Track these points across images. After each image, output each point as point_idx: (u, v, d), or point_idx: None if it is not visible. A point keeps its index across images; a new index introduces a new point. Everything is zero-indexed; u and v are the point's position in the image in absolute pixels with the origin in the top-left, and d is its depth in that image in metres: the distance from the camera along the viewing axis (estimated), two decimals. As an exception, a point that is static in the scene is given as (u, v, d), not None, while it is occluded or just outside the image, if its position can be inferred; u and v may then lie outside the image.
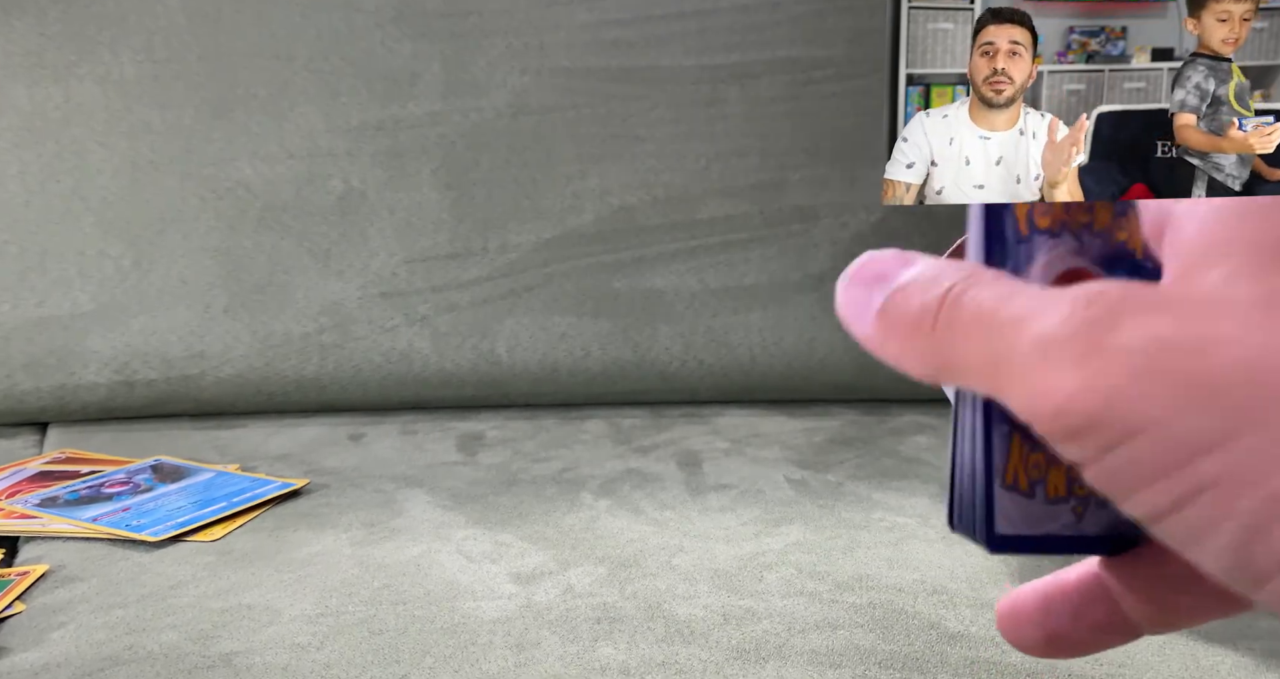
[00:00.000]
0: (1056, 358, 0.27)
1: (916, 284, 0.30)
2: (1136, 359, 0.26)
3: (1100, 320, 0.27)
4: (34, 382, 0.97)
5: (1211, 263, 0.27)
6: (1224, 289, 0.27)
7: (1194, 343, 0.26)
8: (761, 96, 1.02)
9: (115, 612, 0.64)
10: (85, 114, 0.98)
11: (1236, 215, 0.28)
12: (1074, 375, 0.27)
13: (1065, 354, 0.27)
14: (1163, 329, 0.26)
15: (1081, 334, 0.27)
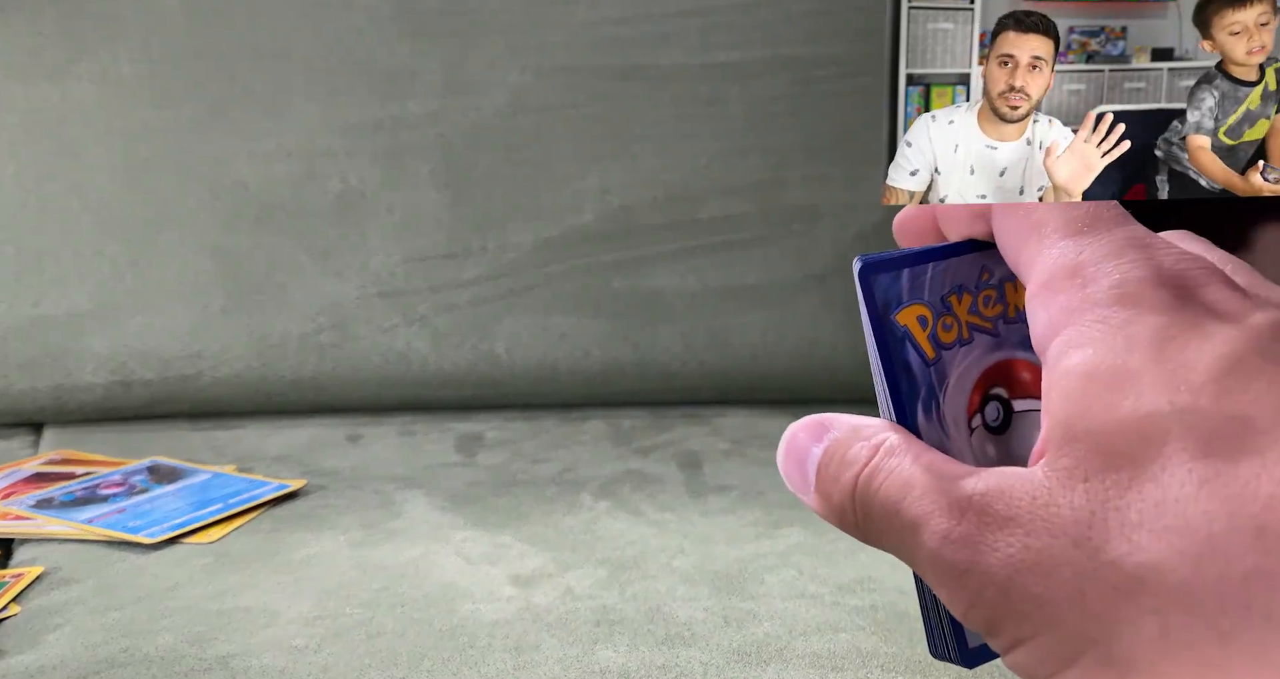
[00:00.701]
0: (945, 576, 0.31)
1: (829, 470, 0.35)
2: (1001, 582, 0.30)
3: (969, 538, 0.31)
4: (30, 382, 0.97)
5: (1065, 448, 0.30)
6: (1064, 495, 0.30)
7: (1040, 566, 0.29)
8: (762, 95, 1.02)
9: (111, 614, 0.64)
10: (82, 113, 0.98)
11: (1087, 389, 0.30)
12: (960, 596, 0.31)
13: (950, 574, 0.31)
14: (1017, 549, 0.30)
15: (959, 555, 0.31)
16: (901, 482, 0.32)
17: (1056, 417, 0.30)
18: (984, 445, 0.37)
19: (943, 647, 0.36)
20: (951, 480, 0.32)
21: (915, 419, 0.35)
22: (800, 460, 0.35)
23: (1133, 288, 0.30)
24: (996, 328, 0.37)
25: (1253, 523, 0.27)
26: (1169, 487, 0.28)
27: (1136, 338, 0.30)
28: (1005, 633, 0.30)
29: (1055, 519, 0.29)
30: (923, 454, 0.33)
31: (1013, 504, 0.30)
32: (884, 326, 0.35)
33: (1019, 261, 0.33)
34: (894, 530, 0.32)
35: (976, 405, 0.37)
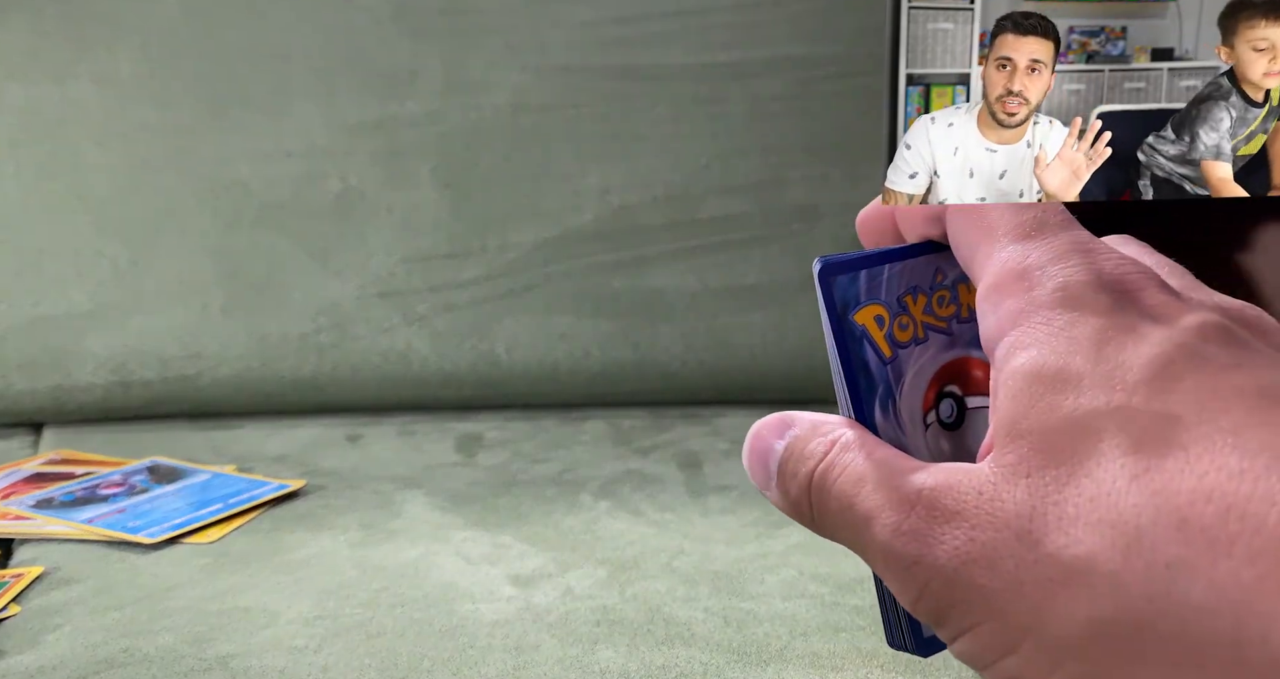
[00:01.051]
0: (895, 568, 0.32)
1: (788, 466, 0.36)
2: (947, 574, 0.31)
3: (918, 531, 0.32)
4: (29, 382, 0.97)
5: (1010, 445, 0.31)
6: (1008, 490, 0.31)
7: (985, 558, 0.31)
8: (762, 95, 1.02)
9: (111, 614, 0.64)
10: (81, 113, 0.98)
11: (1031, 389, 0.32)
12: (909, 587, 0.32)
13: (899, 566, 0.32)
14: (962, 542, 0.31)
15: (908, 548, 0.32)
16: (855, 476, 0.34)
17: (1003, 415, 0.32)
18: (939, 441, 0.38)
19: (899, 637, 0.37)
20: (902, 475, 0.33)
21: (873, 416, 0.37)
22: (763, 456, 0.37)
23: (1075, 291, 0.32)
24: (950, 327, 0.38)
25: (1176, 515, 0.28)
26: (1103, 482, 0.30)
27: (1078, 340, 0.31)
28: (951, 622, 0.32)
29: (999, 513, 0.31)
30: (876, 449, 0.35)
31: (960, 499, 0.31)
32: (842, 326, 0.37)
33: (971, 264, 0.35)
34: (847, 524, 0.34)
35: (931, 402, 0.38)
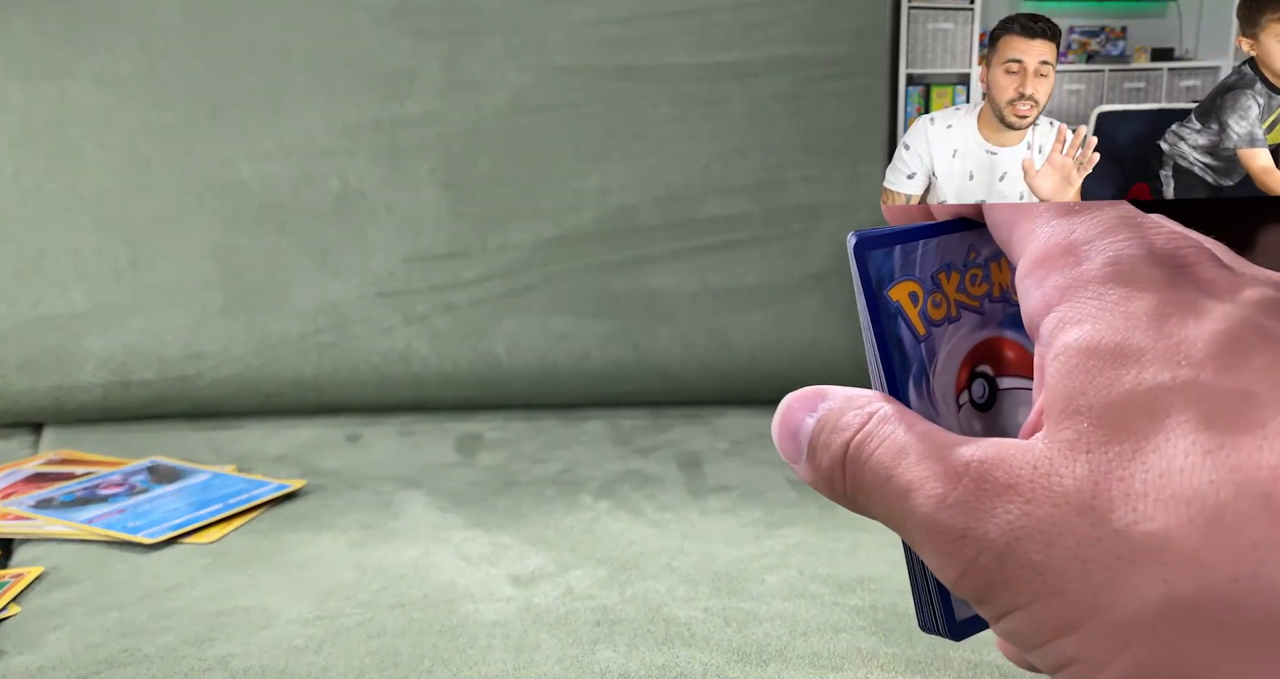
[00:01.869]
0: (938, 542, 0.31)
1: (821, 438, 0.35)
2: (999, 549, 0.30)
3: (966, 504, 0.31)
4: (29, 382, 0.97)
5: (1066, 421, 0.30)
6: (1066, 465, 0.30)
7: (1042, 533, 0.30)
8: (762, 95, 1.02)
9: (111, 614, 0.64)
10: (81, 113, 0.98)
11: (1087, 363, 0.31)
12: (953, 561, 0.31)
13: (944, 539, 0.31)
14: (1016, 517, 0.30)
15: (955, 521, 0.31)
16: (896, 448, 0.33)
17: (1056, 391, 0.31)
18: (971, 422, 0.38)
19: (931, 620, 0.37)
20: (947, 448, 0.32)
21: (907, 394, 0.36)
22: (794, 429, 0.36)
23: (1127, 265, 0.31)
24: (983, 306, 0.37)
25: (1260, 491, 0.27)
26: (1173, 457, 0.29)
27: (1135, 314, 0.30)
28: (999, 600, 0.31)
29: (1058, 488, 0.30)
30: (916, 423, 0.34)
31: (1012, 472, 0.30)
32: (877, 302, 0.35)
33: (1010, 240, 0.34)
34: (885, 497, 0.33)
35: (964, 382, 0.37)
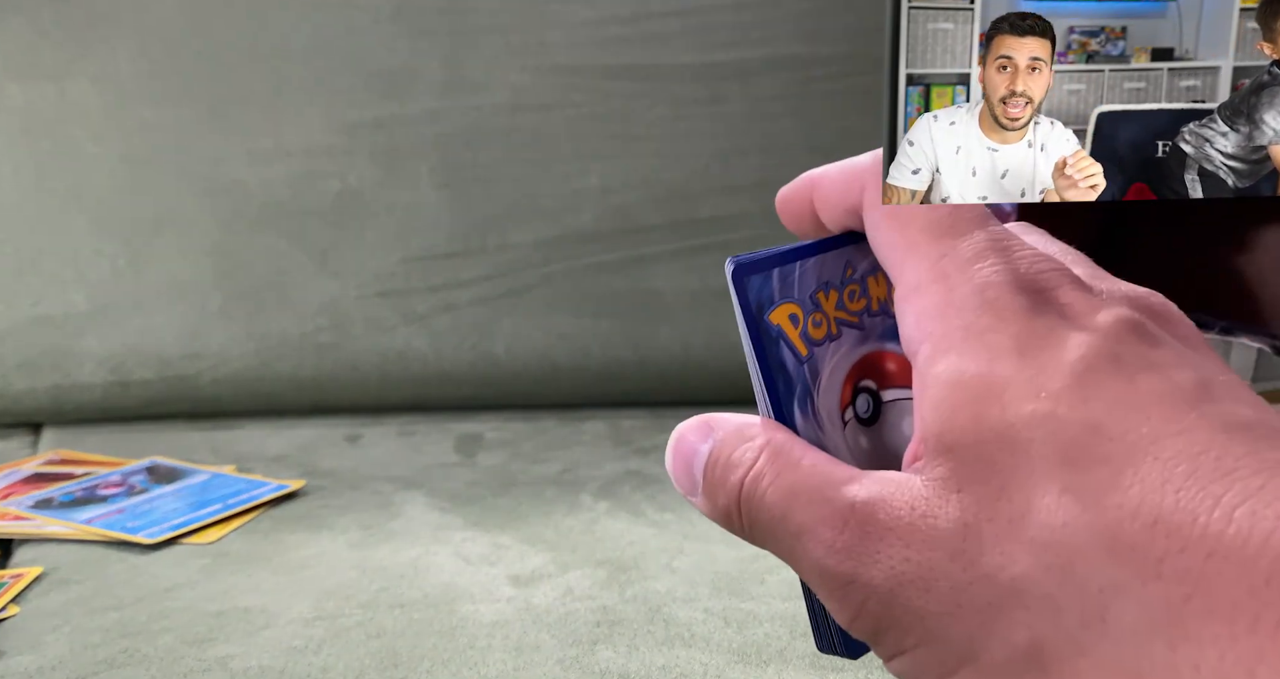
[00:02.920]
0: (830, 586, 0.31)
1: (715, 474, 0.35)
2: (883, 594, 0.30)
3: (852, 549, 0.31)
4: (29, 382, 0.97)
5: (938, 457, 0.30)
6: (939, 505, 0.30)
7: (921, 579, 0.30)
8: (762, 94, 1.02)
9: (110, 614, 0.64)
10: (80, 112, 0.98)
11: (953, 398, 0.30)
12: (844, 606, 0.31)
13: (834, 584, 0.31)
14: (897, 561, 0.30)
15: (842, 566, 0.31)
16: (786, 487, 0.33)
17: (929, 426, 0.31)
18: (857, 438, 0.37)
19: (828, 641, 0.37)
20: (834, 486, 0.32)
21: (793, 417, 0.36)
22: (687, 461, 0.36)
23: (994, 293, 0.31)
24: (862, 321, 0.37)
25: (1106, 534, 0.27)
26: (1034, 497, 0.29)
27: (998, 346, 0.30)
28: (888, 643, 0.31)
29: (933, 531, 0.30)
30: (805, 455, 0.33)
31: (893, 514, 0.30)
32: (758, 327, 0.35)
33: (889, 263, 0.34)
34: (780, 537, 0.33)
35: (848, 399, 0.37)
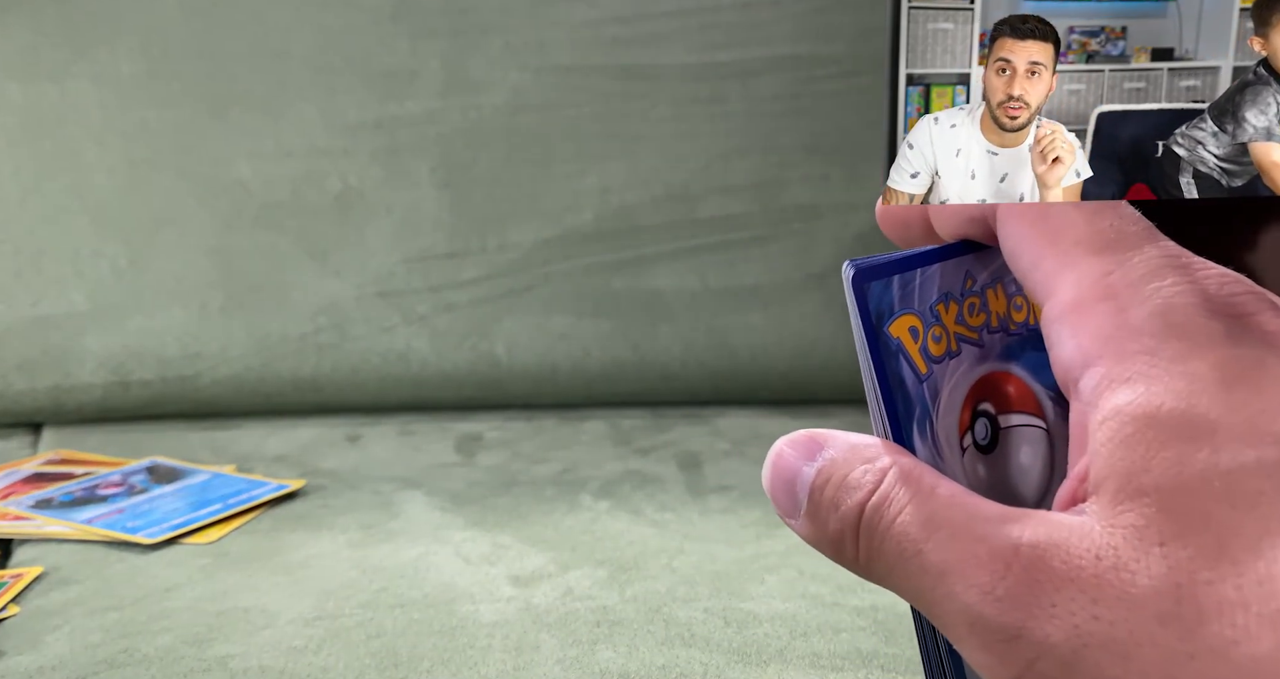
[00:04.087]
0: (985, 639, 0.27)
1: (826, 495, 0.31)
2: (1063, 656, 0.26)
3: (1019, 598, 0.26)
4: (28, 382, 0.97)
5: (1127, 503, 0.26)
6: (1137, 558, 0.25)
7: (1116, 642, 0.25)
8: (763, 94, 1.02)
9: (110, 614, 0.64)
10: (81, 112, 0.98)
11: (1146, 435, 0.26)
12: (1004, 663, 0.27)
13: (993, 638, 0.27)
14: (1082, 619, 0.25)
15: (1006, 617, 0.26)
16: (922, 518, 0.28)
17: (1110, 464, 0.27)
18: (975, 466, 0.34)
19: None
20: (986, 523, 0.28)
21: (911, 440, 0.33)
22: (789, 480, 0.32)
23: (1180, 316, 0.27)
24: (981, 338, 0.34)
25: None
26: (1274, 560, 0.24)
27: (1198, 377, 0.26)
28: None
29: (1130, 588, 0.25)
30: (939, 484, 0.29)
31: (1071, 561, 0.26)
32: (878, 340, 0.32)
33: (1032, 274, 0.30)
34: (911, 574, 0.28)
35: (966, 423, 0.34)
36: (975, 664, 0.28)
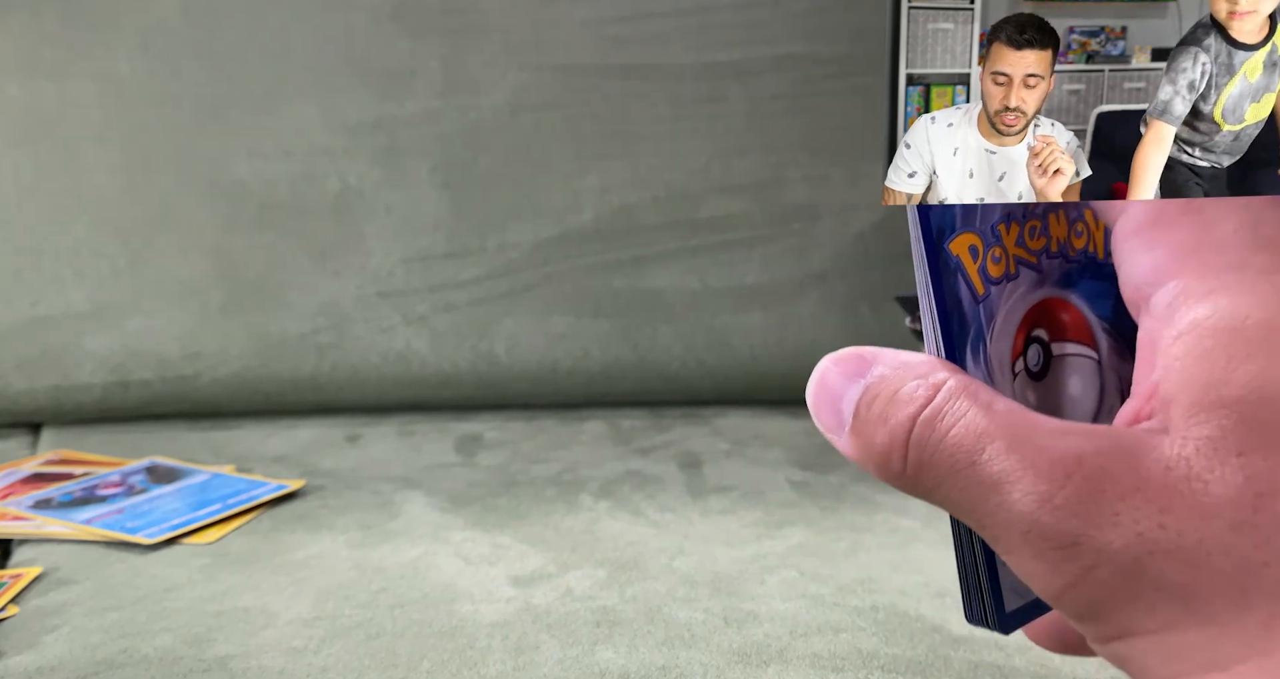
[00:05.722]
0: (1039, 547, 0.26)
1: (874, 409, 0.30)
2: (1123, 563, 0.25)
3: (1080, 506, 0.25)
4: (28, 382, 0.97)
5: (1203, 414, 0.25)
6: (1212, 469, 0.25)
7: (1184, 551, 0.24)
8: (762, 94, 1.02)
9: (110, 614, 0.64)
10: (80, 112, 0.98)
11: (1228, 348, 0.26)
12: (1058, 572, 0.26)
13: (1048, 545, 0.26)
14: (1148, 527, 0.25)
15: (1065, 524, 0.26)
16: (977, 430, 0.28)
17: (1186, 377, 0.26)
18: (1025, 392, 0.34)
19: (979, 611, 0.33)
20: (1049, 434, 0.27)
21: (965, 361, 0.32)
22: (834, 397, 0.31)
23: (1272, 230, 0.27)
24: (1040, 262, 0.34)
25: None
26: None
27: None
28: (1116, 620, 0.26)
29: (1203, 497, 0.25)
30: (995, 400, 0.28)
31: (1139, 471, 0.25)
32: (937, 257, 0.32)
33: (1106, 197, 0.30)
34: (963, 487, 0.28)
35: (1020, 349, 0.34)
36: (1026, 575, 0.27)
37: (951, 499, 0.28)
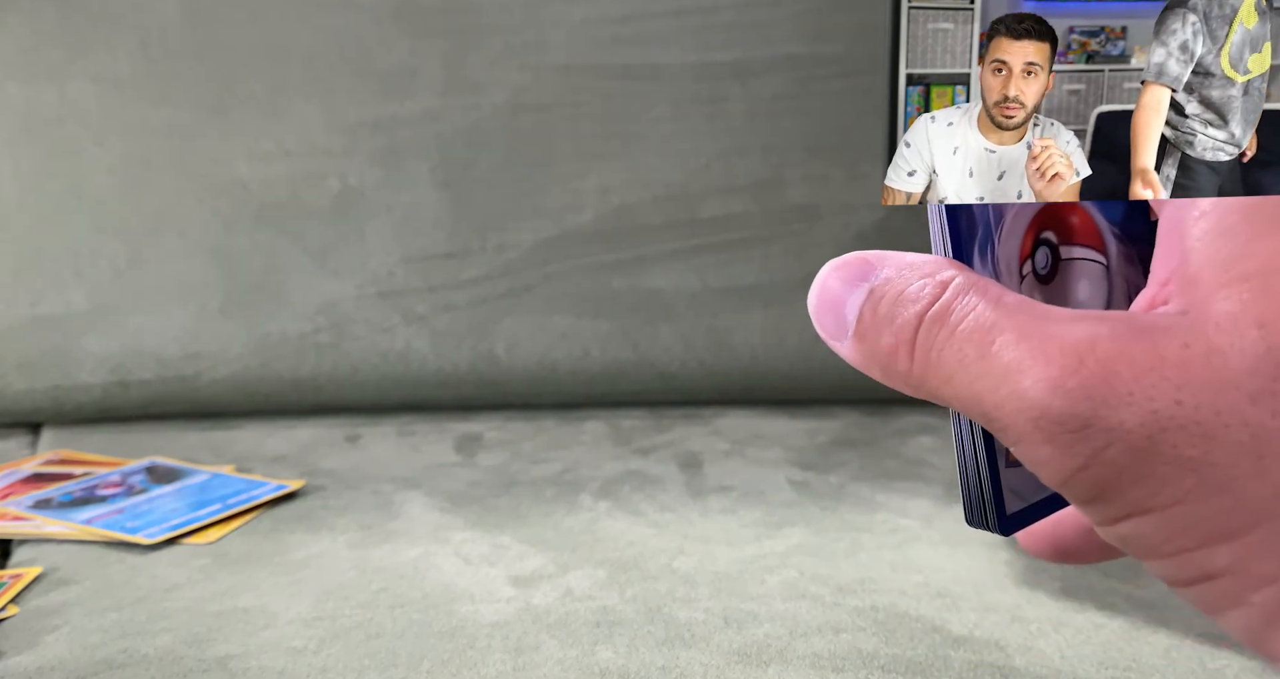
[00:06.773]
0: (1051, 431, 0.26)
1: (880, 310, 0.29)
2: (1136, 441, 0.25)
3: (1093, 389, 0.25)
4: (28, 382, 0.97)
5: (1223, 290, 0.25)
6: (1231, 341, 0.25)
7: (1199, 424, 0.24)
8: (763, 94, 1.02)
9: (109, 615, 0.64)
10: (80, 112, 0.98)
11: (1251, 224, 0.25)
12: (1069, 454, 0.26)
13: (1059, 429, 0.26)
14: (1163, 404, 0.24)
15: (1077, 407, 0.25)
16: (987, 323, 0.27)
17: (1205, 255, 0.26)
18: (1032, 295, 0.33)
19: (979, 513, 0.33)
20: (1060, 322, 0.27)
21: (972, 261, 0.31)
22: (836, 302, 0.31)
23: None
24: None
25: None
26: None
27: None
28: (1126, 499, 0.25)
29: (1222, 371, 0.25)
30: (1004, 294, 0.28)
31: (1155, 351, 0.25)
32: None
33: None
34: (971, 378, 0.27)
35: (1028, 251, 0.33)
36: (1035, 462, 0.27)
37: (960, 395, 0.28)
